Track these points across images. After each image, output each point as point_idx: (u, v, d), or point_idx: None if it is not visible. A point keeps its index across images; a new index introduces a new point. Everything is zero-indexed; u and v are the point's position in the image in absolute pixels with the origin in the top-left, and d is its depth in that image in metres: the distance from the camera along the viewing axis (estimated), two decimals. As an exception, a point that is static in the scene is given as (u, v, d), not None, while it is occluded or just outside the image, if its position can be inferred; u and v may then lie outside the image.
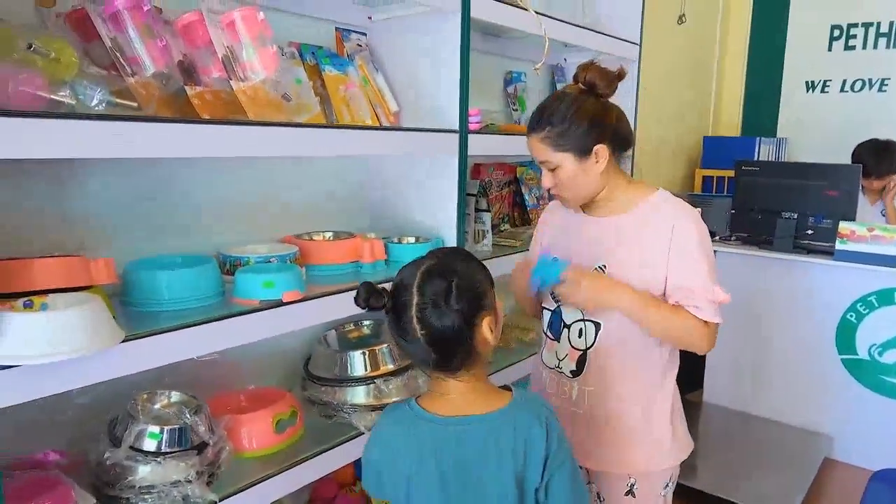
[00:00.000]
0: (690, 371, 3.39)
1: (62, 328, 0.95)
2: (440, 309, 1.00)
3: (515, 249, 1.98)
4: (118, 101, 1.05)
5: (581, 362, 1.39)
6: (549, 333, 1.46)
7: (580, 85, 1.32)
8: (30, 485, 1.05)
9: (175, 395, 1.30)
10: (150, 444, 1.18)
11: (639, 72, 2.49)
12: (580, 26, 2.13)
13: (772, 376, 3.11)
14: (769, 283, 3.07)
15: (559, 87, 2.60)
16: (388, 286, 1.06)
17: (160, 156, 1.07)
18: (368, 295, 1.02)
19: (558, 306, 1.43)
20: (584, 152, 1.30)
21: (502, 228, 2.34)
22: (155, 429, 1.19)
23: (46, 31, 1.14)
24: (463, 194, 1.73)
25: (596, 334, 1.37)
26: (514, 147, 1.90)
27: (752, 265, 3.10)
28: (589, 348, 1.38)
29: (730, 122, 4.36)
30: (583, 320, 1.38)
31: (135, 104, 1.10)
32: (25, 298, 0.99)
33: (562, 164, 1.31)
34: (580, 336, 1.39)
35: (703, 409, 3.32)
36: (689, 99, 4.04)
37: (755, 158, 3.69)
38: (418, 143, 1.59)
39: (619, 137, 1.34)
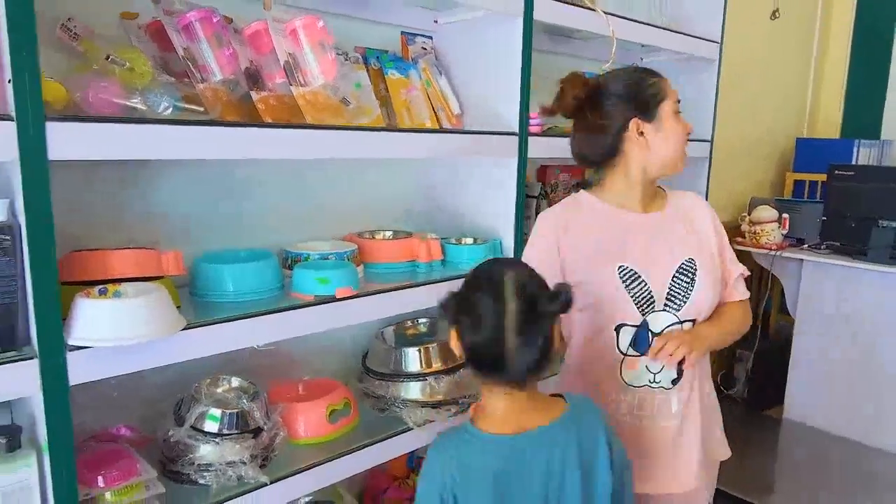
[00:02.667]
0: (771, 386, 3.25)
1: (128, 315, 1.04)
2: (537, 318, 1.01)
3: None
4: (186, 106, 1.13)
5: (679, 370, 1.34)
6: (632, 351, 1.34)
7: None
8: (100, 456, 1.16)
9: (235, 381, 1.38)
10: (210, 426, 1.27)
11: (719, 70, 2.39)
12: (653, 25, 2.07)
13: (864, 396, 2.90)
14: (862, 297, 2.87)
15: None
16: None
17: (225, 157, 1.15)
18: (457, 308, 1.04)
19: (644, 319, 1.33)
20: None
21: (568, 231, 2.31)
22: (216, 411, 1.28)
23: (128, 42, 1.25)
24: (522, 197, 1.73)
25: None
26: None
27: (844, 276, 2.91)
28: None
29: (828, 123, 4.10)
30: (679, 322, 1.33)
31: (202, 109, 1.18)
32: (101, 286, 1.09)
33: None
34: None
35: (784, 426, 3.15)
36: (782, 98, 3.82)
37: (853, 162, 3.45)
38: (477, 146, 1.61)
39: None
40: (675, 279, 1.33)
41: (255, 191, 1.55)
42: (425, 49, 1.80)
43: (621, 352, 1.34)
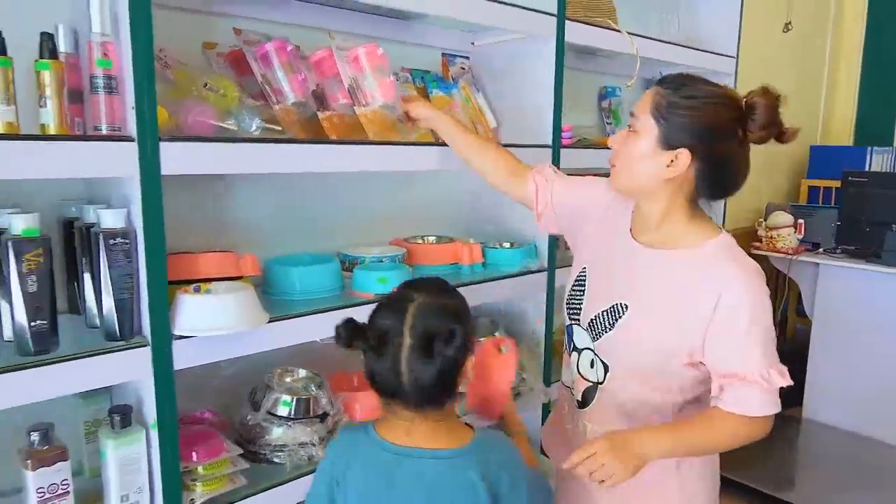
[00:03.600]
0: (790, 387, 3.35)
1: (223, 309, 1.20)
2: (433, 352, 0.97)
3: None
4: (268, 126, 1.29)
5: (588, 395, 1.25)
6: (566, 346, 1.34)
7: (740, 98, 1.13)
8: (191, 435, 1.30)
9: (302, 372, 1.53)
10: (282, 411, 1.42)
11: (735, 84, 2.52)
12: (672, 42, 2.22)
13: (881, 395, 3.00)
14: (877, 298, 2.97)
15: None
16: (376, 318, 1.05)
17: (299, 171, 1.30)
18: (350, 335, 1.00)
19: (571, 322, 1.29)
20: (667, 142, 1.09)
21: (594, 236, 2.45)
22: (287, 398, 1.42)
23: (211, 69, 1.41)
24: (555, 204, 1.87)
25: (605, 374, 1.21)
26: (604, 161, 2.02)
27: (859, 279, 3.02)
28: (600, 383, 1.23)
29: (841, 131, 4.21)
30: (593, 352, 1.22)
31: (280, 128, 1.33)
32: (195, 285, 1.24)
33: (642, 132, 1.12)
34: (591, 366, 1.23)
35: (803, 425, 3.25)
36: (796, 107, 3.94)
37: (866, 168, 3.56)
38: (513, 158, 1.75)
39: (717, 175, 1.13)
40: (603, 312, 1.21)
41: (316, 201, 1.70)
42: (464, 69, 1.95)
43: (565, 346, 1.35)
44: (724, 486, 2.58)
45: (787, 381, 1.10)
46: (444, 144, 1.56)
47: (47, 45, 1.07)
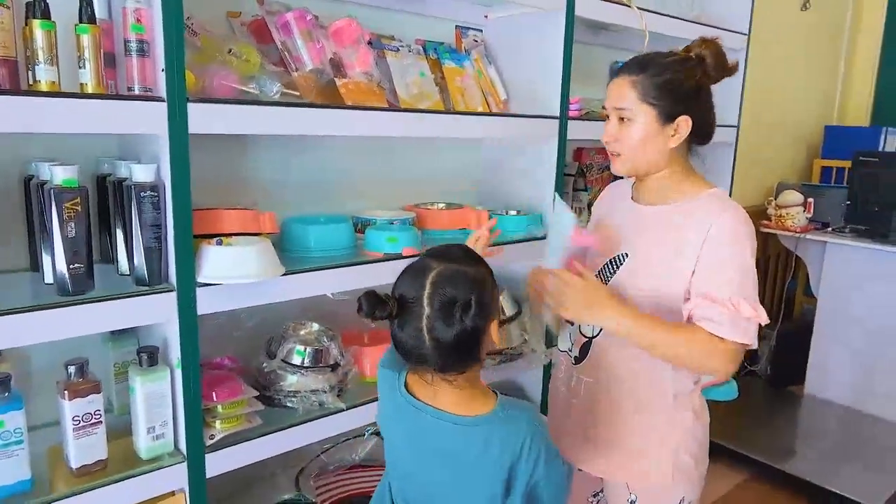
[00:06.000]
0: (793, 364, 3.40)
1: (243, 260, 1.29)
2: (452, 321, 0.97)
3: (609, 227, 2.17)
4: (287, 90, 1.37)
5: (584, 350, 1.32)
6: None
7: (690, 55, 1.22)
8: (211, 378, 1.41)
9: (315, 326, 1.62)
10: (296, 359, 1.52)
11: (746, 62, 2.55)
12: (682, 19, 2.25)
13: (883, 373, 3.05)
14: (883, 278, 3.01)
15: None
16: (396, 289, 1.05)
17: (315, 133, 1.39)
18: (373, 306, 0.99)
19: None
20: (666, 117, 1.20)
21: (601, 209, 2.51)
22: (301, 347, 1.52)
23: (235, 36, 1.49)
24: (561, 174, 1.94)
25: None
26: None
27: (866, 259, 3.05)
28: (594, 336, 1.30)
29: (858, 111, 4.20)
30: None
31: (297, 93, 1.41)
32: (217, 238, 1.34)
33: (638, 118, 1.20)
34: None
35: (804, 401, 3.32)
36: (812, 86, 3.94)
37: (880, 149, 3.56)
38: (522, 128, 1.83)
39: (705, 125, 1.25)
40: (604, 266, 1.30)
41: (333, 165, 1.79)
42: (476, 41, 2.01)
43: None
44: (725, 456, 2.69)
45: (756, 315, 1.14)
46: (452, 113, 1.62)
47: (86, 11, 1.15)
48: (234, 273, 1.27)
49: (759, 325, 1.17)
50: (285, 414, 1.48)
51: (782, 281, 3.79)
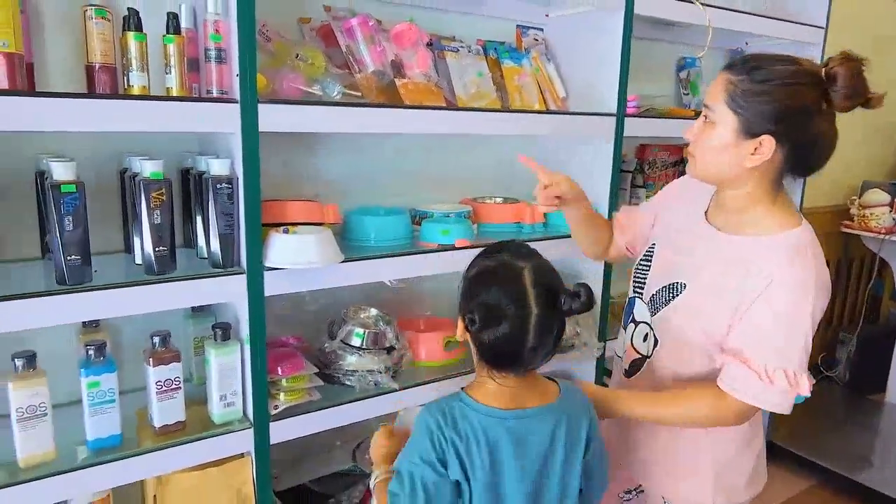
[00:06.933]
0: (876, 371, 3.25)
1: (306, 247, 1.41)
2: (555, 312, 0.99)
3: (668, 223, 2.17)
4: (349, 92, 1.48)
5: (636, 366, 1.31)
6: (624, 317, 1.37)
7: (820, 70, 1.08)
8: (277, 354, 1.54)
9: (373, 311, 1.74)
10: (355, 341, 1.63)
11: (822, 57, 2.46)
12: (754, 14, 2.21)
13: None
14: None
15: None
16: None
17: (374, 131, 1.49)
18: (480, 321, 1.00)
19: (635, 295, 1.33)
20: (748, 131, 1.07)
21: (664, 205, 2.50)
22: (360, 330, 1.64)
23: (304, 41, 1.62)
24: (617, 171, 1.96)
25: (654, 348, 1.26)
26: (672, 130, 2.09)
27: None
28: (648, 357, 1.28)
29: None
30: (649, 326, 1.27)
31: (359, 94, 1.52)
32: (283, 227, 1.47)
33: (719, 122, 1.10)
34: (644, 340, 1.29)
35: (885, 410, 3.17)
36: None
37: (979, 146, 3.33)
38: (577, 125, 1.86)
39: (803, 155, 1.10)
40: (663, 288, 1.26)
41: (393, 160, 1.89)
42: (537, 40, 2.06)
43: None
44: (791, 461, 2.64)
45: (792, 389, 1.06)
46: (507, 111, 1.69)
47: (173, 23, 1.30)
48: (298, 259, 1.39)
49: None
50: (343, 391, 1.60)
51: (865, 284, 3.61)
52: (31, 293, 1.16)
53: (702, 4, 2.01)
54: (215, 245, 1.36)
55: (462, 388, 1.07)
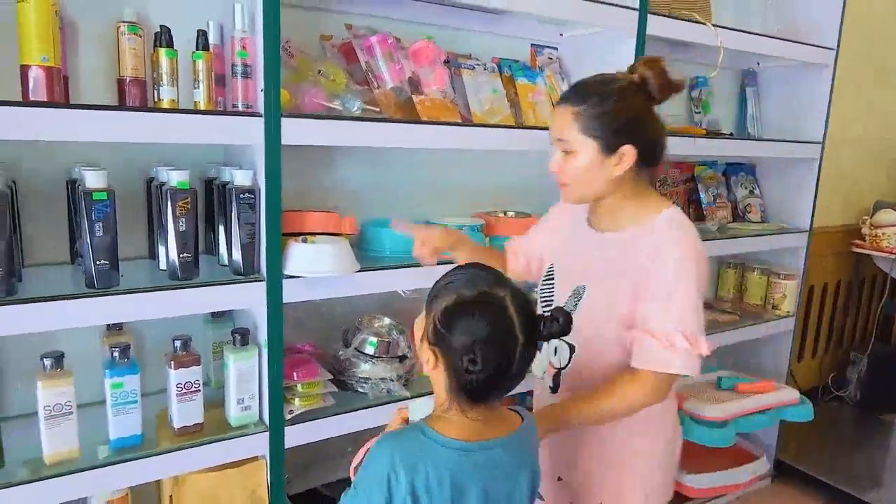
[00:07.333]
0: (887, 391, 3.24)
1: (323, 256, 1.46)
2: (533, 347, 0.98)
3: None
4: (368, 107, 1.53)
5: (557, 380, 1.34)
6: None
7: (634, 77, 1.21)
8: (293, 360, 1.59)
9: (387, 320, 1.78)
10: (368, 349, 1.67)
11: (833, 75, 2.50)
12: (766, 35, 2.25)
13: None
14: None
15: (748, 91, 2.72)
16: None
17: (391, 145, 1.54)
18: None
19: (543, 313, 1.31)
20: (609, 148, 1.18)
21: (675, 222, 2.53)
22: (373, 339, 1.68)
23: (326, 57, 1.67)
24: (628, 187, 2.00)
25: (570, 356, 1.29)
26: (684, 148, 2.13)
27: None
28: (563, 368, 1.31)
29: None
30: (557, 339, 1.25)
31: (378, 109, 1.57)
32: (302, 236, 1.52)
33: (580, 150, 1.20)
34: (556, 354, 1.32)
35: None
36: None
37: None
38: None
39: (652, 149, 1.23)
40: (569, 298, 1.30)
41: (408, 173, 1.94)
42: (551, 59, 2.11)
43: None
44: (799, 480, 2.62)
45: (693, 349, 1.14)
46: (521, 127, 1.73)
47: (202, 40, 1.36)
48: (316, 268, 1.44)
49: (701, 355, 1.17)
50: (356, 398, 1.64)
51: (876, 304, 3.61)
52: (62, 295, 1.21)
53: (714, 26, 2.05)
54: (237, 253, 1.41)
55: (423, 421, 1.00)
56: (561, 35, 2.12)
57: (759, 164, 2.83)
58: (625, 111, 1.18)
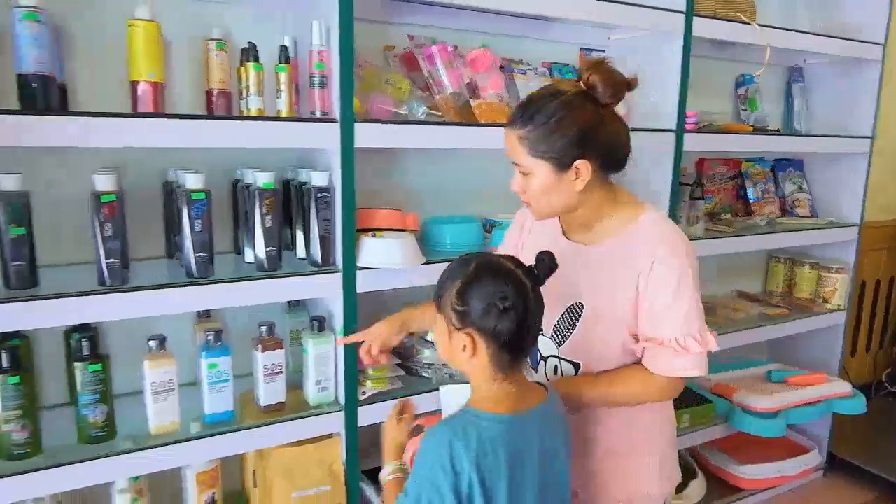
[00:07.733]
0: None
1: (392, 250, 1.59)
2: (538, 290, 1.06)
3: (725, 235, 2.27)
4: (431, 112, 1.65)
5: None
6: (530, 362, 1.34)
7: (581, 84, 1.15)
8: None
9: (448, 310, 1.90)
10: (432, 337, 1.79)
11: (882, 70, 2.52)
12: (812, 33, 2.29)
13: None
14: None
15: (795, 88, 2.75)
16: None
17: (453, 147, 1.66)
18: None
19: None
20: (562, 165, 1.14)
21: (723, 217, 2.59)
22: (435, 327, 1.80)
23: (389, 67, 1.81)
24: (676, 184, 2.07)
25: (577, 373, 1.26)
26: (730, 144, 2.20)
27: None
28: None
29: None
30: (558, 358, 1.28)
31: (439, 113, 1.70)
32: (372, 232, 1.65)
33: (534, 171, 1.16)
34: (556, 373, 1.29)
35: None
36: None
37: None
38: (637, 140, 1.97)
39: (612, 156, 1.18)
40: (562, 316, 1.26)
41: (468, 174, 2.06)
42: (599, 61, 2.20)
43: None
44: (852, 472, 2.65)
45: (705, 347, 1.15)
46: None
47: (284, 54, 1.50)
48: (386, 260, 1.57)
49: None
50: (420, 381, 1.76)
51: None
52: (168, 284, 1.37)
53: (759, 25, 2.11)
54: (315, 247, 1.55)
55: (467, 405, 1.06)
56: (609, 38, 2.21)
57: (807, 159, 2.85)
58: (572, 125, 1.12)
